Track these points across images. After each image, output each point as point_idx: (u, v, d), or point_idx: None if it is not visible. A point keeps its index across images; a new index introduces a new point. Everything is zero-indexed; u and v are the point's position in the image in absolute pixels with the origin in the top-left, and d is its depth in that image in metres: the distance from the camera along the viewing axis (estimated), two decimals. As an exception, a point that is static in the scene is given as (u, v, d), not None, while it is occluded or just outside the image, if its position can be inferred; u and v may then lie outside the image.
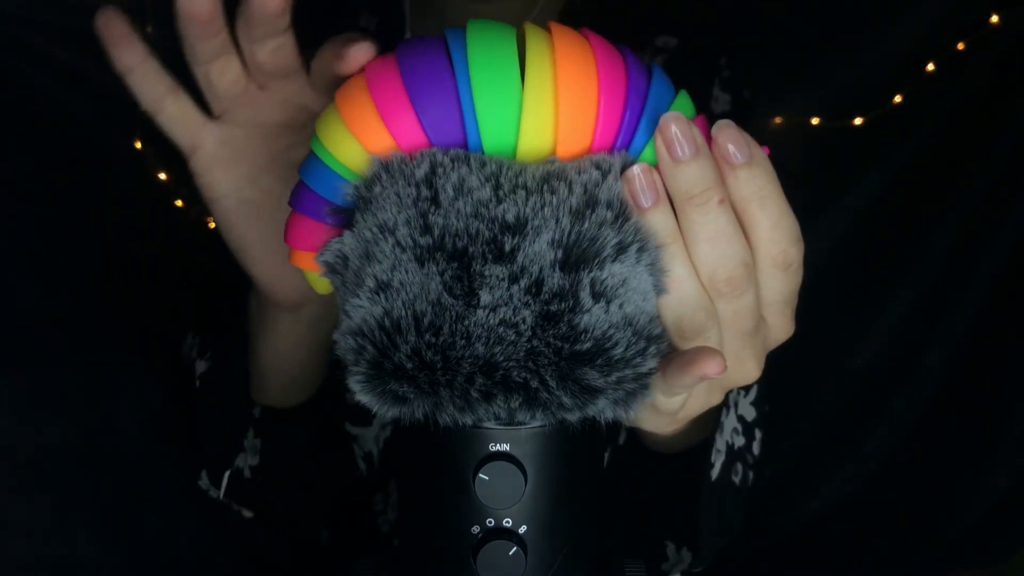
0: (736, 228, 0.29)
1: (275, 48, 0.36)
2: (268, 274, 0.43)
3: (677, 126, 0.28)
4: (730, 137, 0.29)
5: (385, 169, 0.29)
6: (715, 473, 0.50)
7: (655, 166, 0.29)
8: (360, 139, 0.29)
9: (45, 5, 0.82)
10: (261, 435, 0.52)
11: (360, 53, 0.31)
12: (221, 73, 0.37)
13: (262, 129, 0.40)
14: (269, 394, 0.51)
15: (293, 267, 0.43)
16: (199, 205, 0.40)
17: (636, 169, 0.28)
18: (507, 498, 0.29)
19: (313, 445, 0.54)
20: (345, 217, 0.30)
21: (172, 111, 0.38)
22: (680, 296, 0.30)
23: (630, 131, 0.29)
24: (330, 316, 0.48)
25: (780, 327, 0.33)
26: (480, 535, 0.30)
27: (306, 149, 0.41)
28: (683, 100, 0.31)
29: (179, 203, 0.88)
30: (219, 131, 0.39)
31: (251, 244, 0.42)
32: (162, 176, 0.86)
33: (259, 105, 0.39)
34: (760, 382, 0.52)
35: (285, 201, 0.41)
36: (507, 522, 0.30)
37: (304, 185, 0.32)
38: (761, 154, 0.29)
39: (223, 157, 0.39)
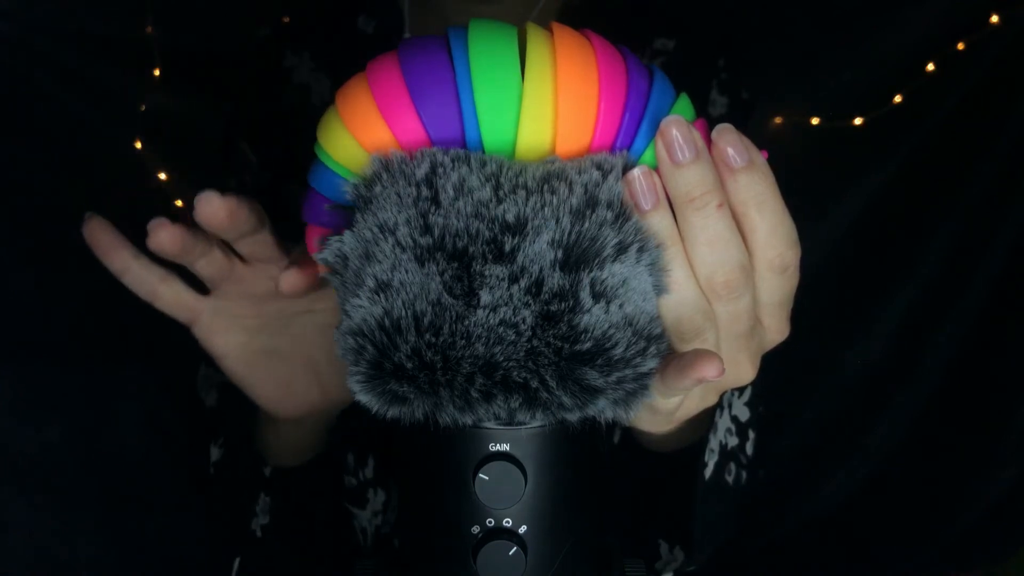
0: (734, 232, 0.30)
1: (251, 243, 0.40)
2: (272, 406, 0.47)
3: (678, 129, 0.28)
4: (730, 141, 0.29)
5: (386, 168, 0.29)
6: (708, 472, 0.50)
7: (655, 168, 0.29)
8: (357, 136, 0.29)
9: (45, 5, 0.82)
10: (271, 493, 0.55)
11: (288, 279, 0.37)
12: (206, 266, 0.41)
13: (252, 299, 0.43)
14: (277, 460, 0.55)
15: (294, 397, 0.47)
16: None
17: (637, 172, 0.29)
18: (507, 498, 0.29)
19: (320, 500, 0.57)
20: (347, 215, 0.30)
21: (167, 297, 0.42)
22: (679, 298, 0.30)
23: (630, 132, 0.29)
24: (329, 419, 0.52)
25: (776, 329, 0.33)
26: (480, 535, 0.30)
27: (296, 308, 0.45)
28: (683, 103, 0.31)
29: (179, 203, 0.88)
30: (212, 304, 0.43)
31: (254, 387, 0.46)
32: (162, 176, 0.86)
33: (247, 280, 0.42)
34: (755, 383, 0.53)
35: (282, 353, 0.45)
36: (507, 522, 0.30)
37: (312, 192, 0.32)
38: (760, 158, 0.29)
39: (219, 326, 0.43)
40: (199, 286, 0.43)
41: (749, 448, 0.54)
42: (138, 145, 0.88)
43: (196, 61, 0.93)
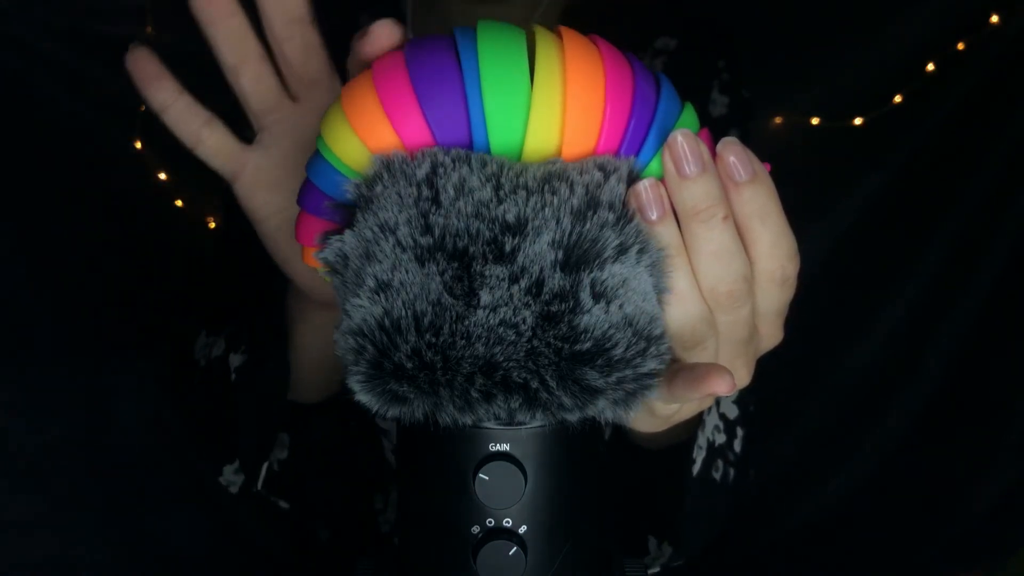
0: (738, 243, 0.30)
1: (303, 45, 0.37)
2: (310, 281, 0.44)
3: (686, 143, 0.28)
4: (735, 154, 0.29)
5: (387, 168, 0.28)
6: (696, 469, 0.51)
7: (661, 179, 0.29)
8: (362, 136, 0.29)
9: (45, 5, 0.82)
10: (289, 430, 0.53)
11: (380, 30, 0.31)
12: (256, 82, 0.38)
13: (299, 147, 0.40)
14: (298, 389, 0.52)
15: None
16: (199, 205, 0.41)
17: (644, 184, 0.29)
18: (507, 498, 0.29)
19: (341, 439, 0.55)
20: (347, 213, 0.30)
21: (210, 143, 0.39)
22: (682, 307, 0.30)
23: (636, 139, 0.29)
24: None
25: (771, 335, 0.34)
26: (480, 535, 0.30)
27: None
28: (688, 113, 0.31)
29: (179, 203, 0.88)
30: (257, 156, 0.40)
31: (291, 258, 0.43)
32: (162, 176, 0.86)
33: (295, 120, 0.39)
34: None
35: None
36: (507, 522, 0.30)
37: (310, 183, 0.32)
38: (763, 171, 0.30)
39: (264, 181, 0.40)
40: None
41: (737, 445, 0.54)
42: (138, 145, 0.88)
43: (196, 61, 0.93)
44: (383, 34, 0.32)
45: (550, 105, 0.28)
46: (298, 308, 0.49)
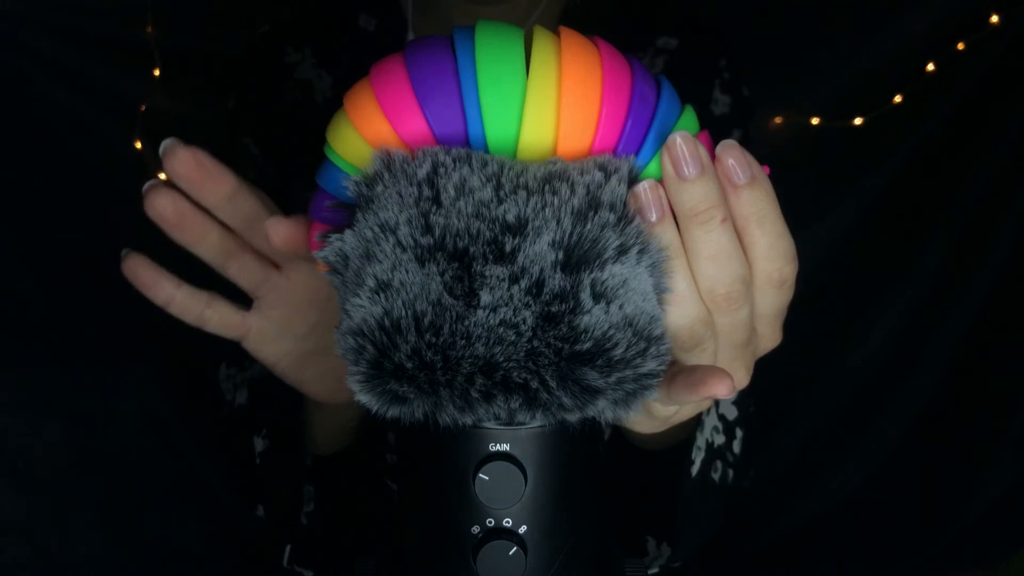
0: (736, 246, 0.30)
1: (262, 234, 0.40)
2: (322, 396, 0.48)
3: (684, 145, 0.28)
4: (733, 157, 0.29)
5: (387, 168, 0.29)
6: (695, 470, 0.51)
7: (659, 180, 0.29)
8: (361, 131, 0.29)
9: (45, 5, 0.82)
10: (314, 482, 0.55)
11: (271, 226, 0.36)
12: (241, 269, 0.41)
13: (292, 306, 0.43)
14: (320, 445, 0.56)
15: (343, 387, 0.46)
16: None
17: (643, 185, 0.29)
18: (507, 498, 0.29)
19: (360, 484, 0.58)
20: (349, 214, 0.30)
21: (214, 320, 0.42)
22: (680, 308, 0.30)
23: (634, 139, 0.29)
24: None
25: (769, 337, 0.34)
26: (480, 535, 0.30)
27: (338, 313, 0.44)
28: (688, 116, 0.31)
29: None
30: (258, 319, 0.43)
31: (306, 384, 0.47)
32: (162, 176, 0.86)
33: (284, 287, 0.43)
34: None
35: (332, 349, 0.44)
36: (507, 522, 0.30)
37: (319, 190, 0.32)
38: (762, 174, 0.30)
39: (268, 337, 0.44)
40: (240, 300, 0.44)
41: (736, 447, 0.54)
42: (138, 145, 0.88)
43: (196, 61, 0.93)
44: (280, 228, 0.36)
45: (545, 99, 0.28)
46: (314, 407, 0.53)
